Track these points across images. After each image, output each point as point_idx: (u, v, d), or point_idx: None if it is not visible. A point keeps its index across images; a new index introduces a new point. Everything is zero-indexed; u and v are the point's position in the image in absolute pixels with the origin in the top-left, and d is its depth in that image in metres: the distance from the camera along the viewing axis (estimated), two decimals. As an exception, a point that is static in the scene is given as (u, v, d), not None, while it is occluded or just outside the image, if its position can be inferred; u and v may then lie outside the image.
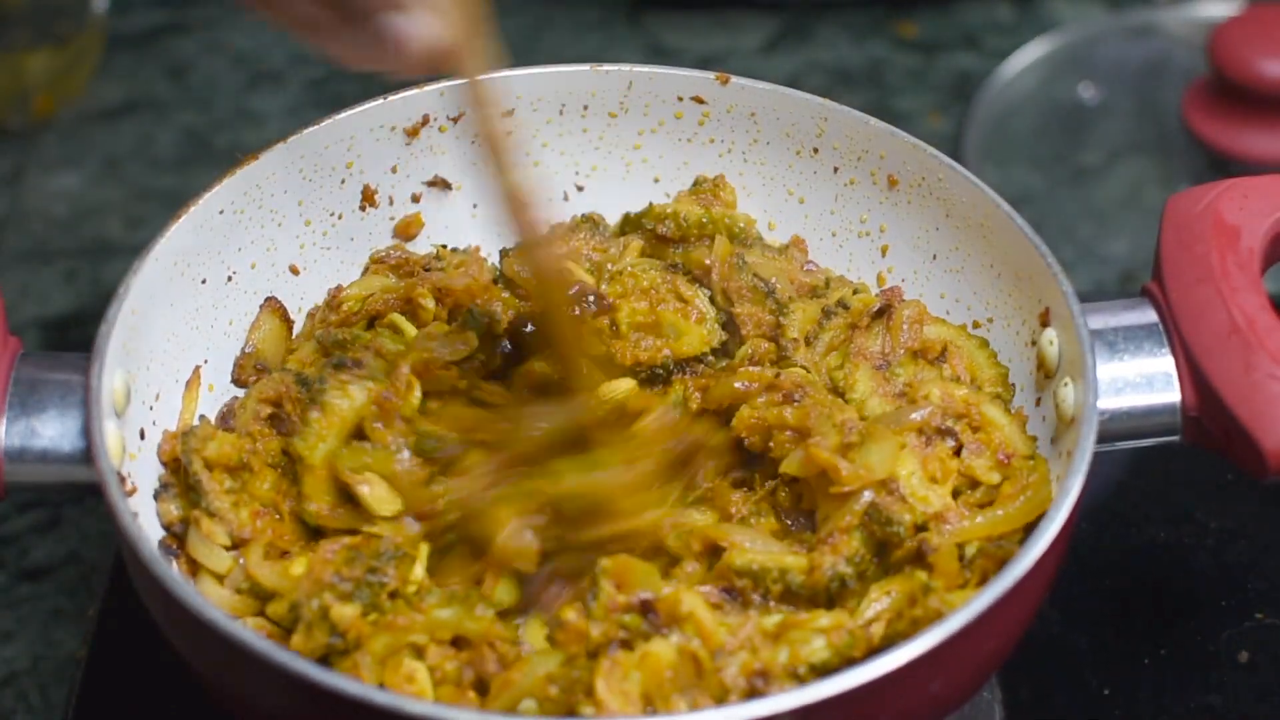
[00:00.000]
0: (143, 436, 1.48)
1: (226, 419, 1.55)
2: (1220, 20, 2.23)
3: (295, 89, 2.42)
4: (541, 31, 2.52)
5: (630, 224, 1.68)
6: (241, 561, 1.44)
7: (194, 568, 1.45)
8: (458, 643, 1.37)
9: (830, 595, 1.42)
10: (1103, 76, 2.37)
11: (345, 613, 1.35)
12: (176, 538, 1.47)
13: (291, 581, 1.40)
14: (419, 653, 1.36)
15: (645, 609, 1.37)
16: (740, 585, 1.42)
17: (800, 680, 1.33)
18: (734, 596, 1.41)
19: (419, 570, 1.41)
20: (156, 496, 1.47)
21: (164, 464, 1.49)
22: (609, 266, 1.64)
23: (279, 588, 1.41)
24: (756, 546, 1.44)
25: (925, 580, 1.39)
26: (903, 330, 1.57)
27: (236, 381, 1.60)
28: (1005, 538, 1.43)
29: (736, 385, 1.53)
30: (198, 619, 1.29)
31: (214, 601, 1.38)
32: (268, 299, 1.63)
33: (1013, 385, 1.56)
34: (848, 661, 1.34)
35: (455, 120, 1.68)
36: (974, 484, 1.47)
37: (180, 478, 1.48)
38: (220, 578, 1.44)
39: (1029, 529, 1.41)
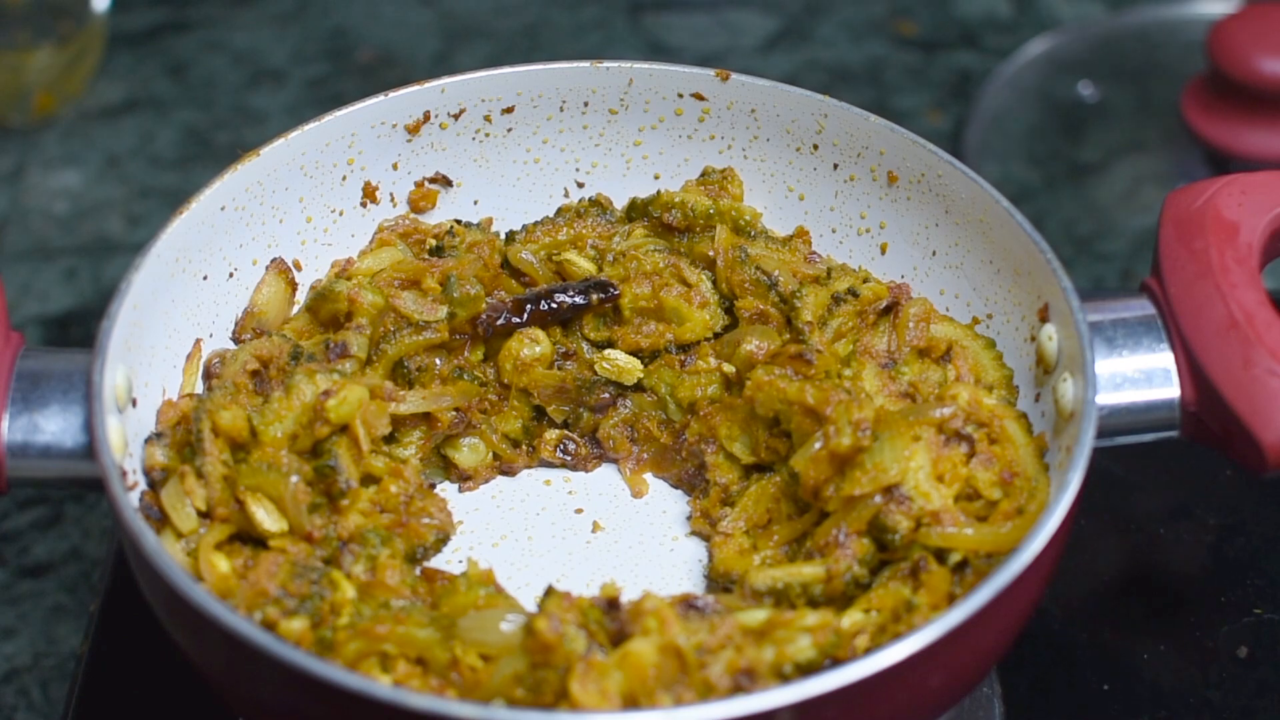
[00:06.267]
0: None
1: (210, 373, 1.56)
2: (1219, 18, 2.24)
3: (295, 87, 2.43)
4: (541, 30, 2.52)
5: (637, 209, 1.68)
6: (202, 530, 1.44)
7: (163, 523, 1.45)
8: (421, 661, 1.38)
9: (848, 596, 1.42)
10: (1101, 74, 2.38)
11: (294, 627, 1.36)
12: (153, 489, 1.46)
13: (221, 580, 1.41)
14: (385, 663, 1.36)
15: (609, 605, 1.37)
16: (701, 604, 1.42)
17: (786, 679, 1.33)
18: (696, 609, 1.41)
19: (350, 592, 1.41)
20: (146, 441, 1.47)
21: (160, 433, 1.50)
22: (614, 244, 1.65)
23: (209, 582, 1.41)
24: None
25: (909, 597, 1.39)
26: (909, 328, 1.57)
27: (234, 340, 1.60)
28: (990, 557, 1.42)
29: (749, 348, 1.54)
30: (199, 613, 1.29)
31: (174, 558, 1.38)
32: (274, 260, 1.63)
33: (1016, 387, 1.56)
34: (833, 661, 1.35)
35: (456, 117, 1.68)
36: (975, 495, 1.47)
37: (177, 434, 1.48)
38: (181, 536, 1.44)
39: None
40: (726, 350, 1.59)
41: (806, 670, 1.34)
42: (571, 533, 1.59)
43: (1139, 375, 1.48)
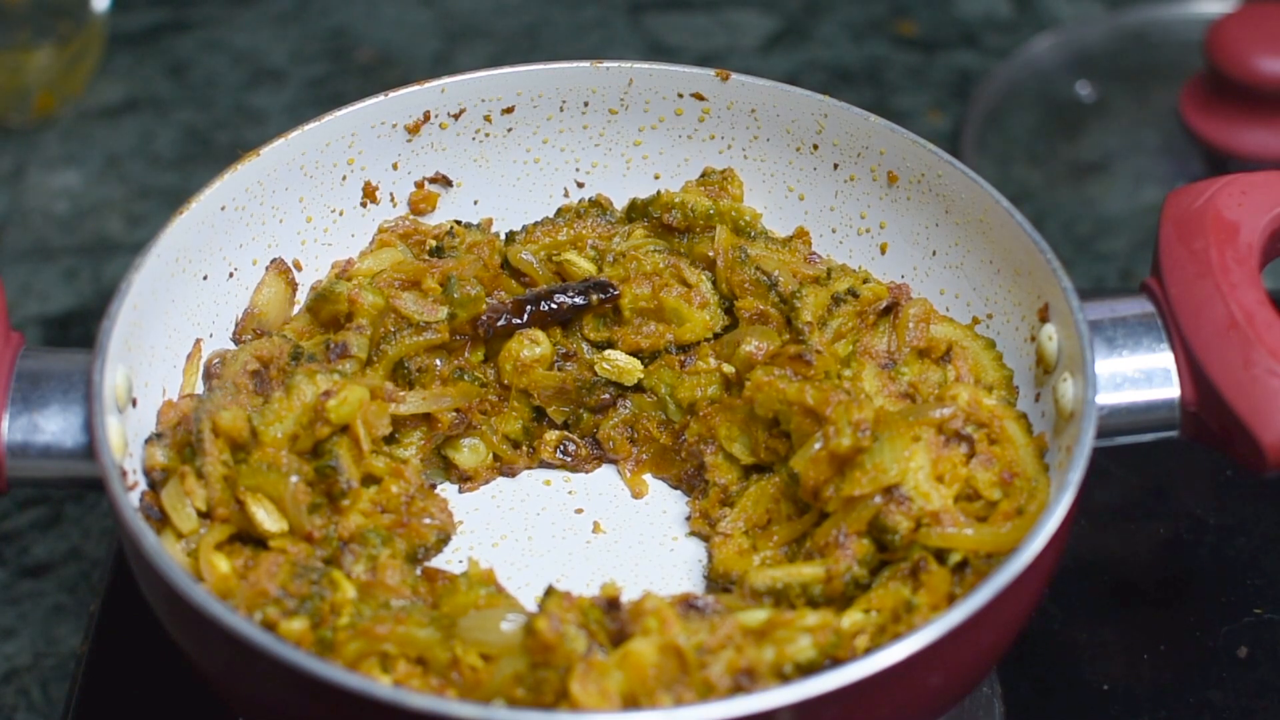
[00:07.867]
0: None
1: (210, 373, 1.56)
2: (1217, 17, 2.24)
3: (295, 87, 2.43)
4: (541, 30, 2.52)
5: (637, 210, 1.68)
6: (203, 531, 1.44)
7: (163, 524, 1.45)
8: (422, 661, 1.38)
9: (848, 596, 1.42)
10: (1101, 74, 2.38)
11: (294, 627, 1.36)
12: (153, 489, 1.46)
13: (221, 580, 1.41)
14: (386, 662, 1.37)
15: (610, 605, 1.37)
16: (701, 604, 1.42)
17: (786, 679, 1.33)
18: (696, 609, 1.41)
19: (350, 592, 1.42)
20: (146, 441, 1.47)
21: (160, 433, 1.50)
22: (614, 245, 1.65)
23: (210, 583, 1.41)
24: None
25: (909, 598, 1.39)
26: (909, 329, 1.57)
27: (234, 340, 1.61)
28: (990, 557, 1.42)
29: (748, 348, 1.55)
30: (199, 613, 1.29)
31: (174, 558, 1.38)
32: (274, 260, 1.63)
33: (1016, 387, 1.56)
34: (833, 661, 1.35)
35: (456, 117, 1.68)
36: (975, 495, 1.47)
37: (177, 435, 1.48)
38: (181, 536, 1.44)
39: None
40: (726, 351, 1.59)
41: (806, 670, 1.34)
42: (571, 533, 1.59)
43: (1139, 375, 1.48)
